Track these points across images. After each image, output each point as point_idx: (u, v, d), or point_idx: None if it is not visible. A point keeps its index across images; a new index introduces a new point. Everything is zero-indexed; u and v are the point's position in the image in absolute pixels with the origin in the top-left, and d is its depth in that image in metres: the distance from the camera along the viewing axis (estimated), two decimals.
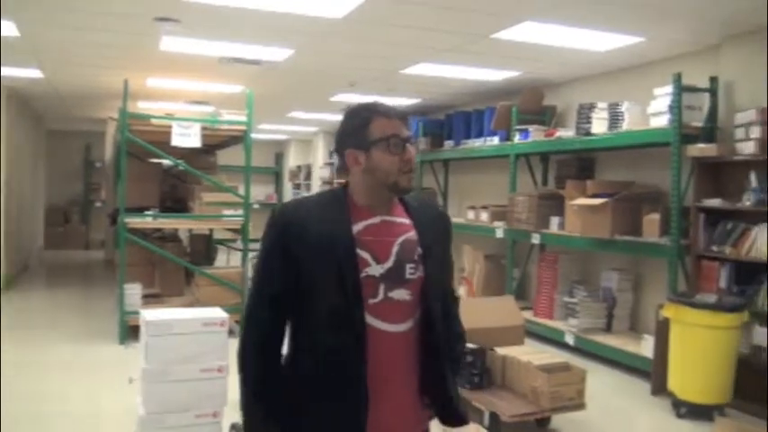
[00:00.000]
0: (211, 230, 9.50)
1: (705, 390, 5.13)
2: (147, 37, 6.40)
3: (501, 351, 5.03)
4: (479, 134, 9.08)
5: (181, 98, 10.20)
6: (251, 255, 4.29)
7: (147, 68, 7.98)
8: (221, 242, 10.45)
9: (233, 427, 4.14)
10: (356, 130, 2.01)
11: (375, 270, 1.96)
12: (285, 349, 2.04)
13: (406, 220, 2.07)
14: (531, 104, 8.23)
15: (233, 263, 9.73)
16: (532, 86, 8.35)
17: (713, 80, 5.95)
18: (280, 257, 1.98)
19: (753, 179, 5.37)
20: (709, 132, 5.84)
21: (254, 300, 2.03)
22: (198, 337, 4.02)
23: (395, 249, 2.00)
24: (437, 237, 2.12)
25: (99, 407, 5.07)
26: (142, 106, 9.94)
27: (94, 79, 8.76)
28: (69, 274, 12.37)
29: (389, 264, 1.98)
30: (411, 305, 2.00)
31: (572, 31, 5.87)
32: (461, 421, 2.12)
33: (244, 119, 7.61)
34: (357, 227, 1.98)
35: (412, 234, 2.04)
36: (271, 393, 1.96)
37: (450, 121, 9.92)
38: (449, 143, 9.79)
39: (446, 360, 2.09)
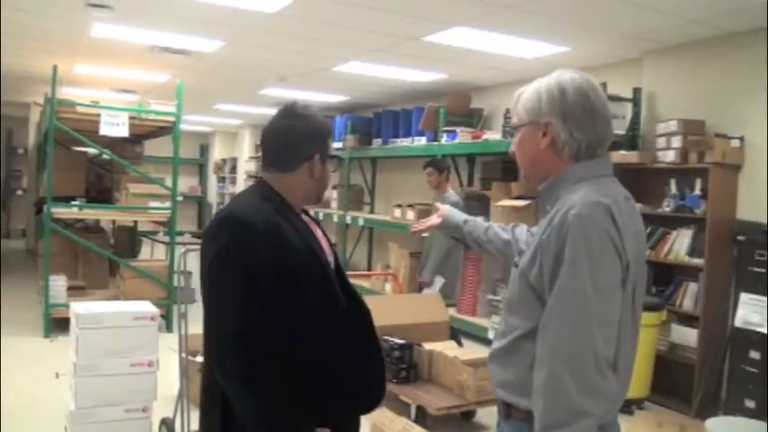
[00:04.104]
0: (136, 222, 9.34)
1: None
2: (77, 22, 6.24)
3: (428, 346, 5.15)
4: (407, 134, 9.17)
5: (106, 85, 9.95)
6: (182, 249, 4.26)
7: (76, 54, 7.76)
8: (145, 234, 10.28)
9: (163, 422, 4.13)
10: (323, 139, 2.04)
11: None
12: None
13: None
14: (459, 107, 8.39)
15: (156, 256, 9.59)
16: (460, 89, 8.52)
17: (636, 91, 6.17)
18: (270, 277, 1.85)
19: (673, 186, 5.61)
20: (632, 140, 6.05)
21: (248, 338, 1.82)
22: (128, 330, 3.98)
23: (324, 244, 2.10)
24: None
25: (26, 402, 4.90)
26: (67, 92, 9.66)
27: (19, 62, 8.47)
28: None
29: (331, 258, 2.09)
30: None
31: (501, 37, 6.03)
32: None
33: (173, 109, 7.48)
34: None
35: (321, 234, 2.13)
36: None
37: (379, 119, 10.00)
38: (377, 141, 9.88)
39: None
